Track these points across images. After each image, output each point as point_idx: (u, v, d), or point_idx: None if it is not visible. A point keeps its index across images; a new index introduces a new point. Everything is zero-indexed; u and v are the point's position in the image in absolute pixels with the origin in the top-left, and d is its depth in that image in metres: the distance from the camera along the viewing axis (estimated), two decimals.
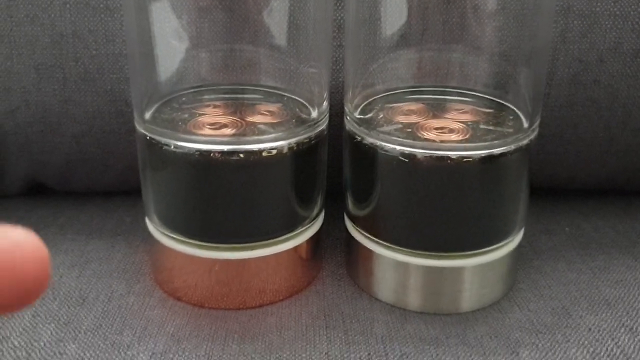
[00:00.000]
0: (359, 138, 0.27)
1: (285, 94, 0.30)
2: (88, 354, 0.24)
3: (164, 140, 0.26)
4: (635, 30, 0.31)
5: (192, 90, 0.30)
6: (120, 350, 0.25)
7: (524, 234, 0.30)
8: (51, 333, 0.26)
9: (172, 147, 0.26)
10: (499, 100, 0.29)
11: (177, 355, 0.24)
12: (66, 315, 0.27)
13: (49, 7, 0.32)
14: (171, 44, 0.28)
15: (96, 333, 0.26)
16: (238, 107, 0.29)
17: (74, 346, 0.25)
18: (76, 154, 0.34)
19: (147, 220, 0.29)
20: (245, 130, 0.27)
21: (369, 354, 0.25)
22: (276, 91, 0.30)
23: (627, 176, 0.36)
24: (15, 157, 0.35)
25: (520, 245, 0.29)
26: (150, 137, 0.26)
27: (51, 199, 0.37)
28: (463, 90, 0.30)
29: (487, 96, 0.30)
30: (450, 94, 0.30)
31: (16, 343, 0.25)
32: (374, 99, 0.30)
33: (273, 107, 0.29)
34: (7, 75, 0.33)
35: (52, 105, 0.33)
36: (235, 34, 0.29)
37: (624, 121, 0.33)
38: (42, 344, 0.25)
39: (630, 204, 0.37)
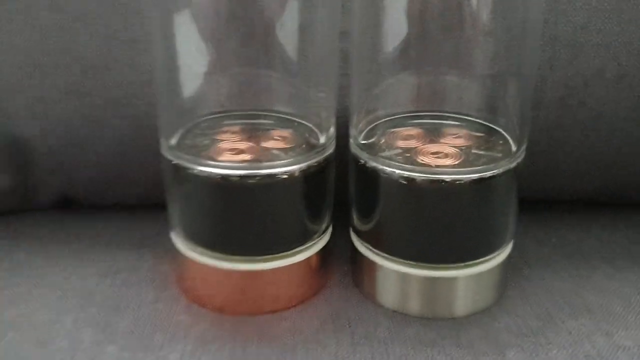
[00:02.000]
0: (363, 161, 0.30)
1: (296, 119, 0.33)
2: (126, 355, 0.28)
3: (188, 165, 0.29)
4: (617, 58, 0.34)
5: (211, 116, 0.33)
6: (154, 351, 0.28)
7: (515, 245, 0.33)
8: (91, 336, 0.29)
9: (196, 171, 0.29)
10: (490, 125, 0.32)
11: (204, 356, 0.28)
12: (103, 321, 0.30)
13: (77, 38, 0.35)
14: (195, 79, 0.31)
15: (131, 336, 0.29)
16: (253, 132, 0.32)
17: (112, 347, 0.28)
18: (104, 172, 0.37)
19: (172, 234, 0.32)
20: (261, 156, 0.30)
21: (372, 355, 0.28)
22: (287, 117, 0.33)
23: (612, 190, 0.38)
24: (48, 176, 0.38)
25: (510, 256, 0.32)
26: (175, 162, 0.30)
27: (80, 213, 0.40)
28: (457, 115, 0.33)
29: (479, 120, 0.33)
30: (446, 118, 0.33)
31: (62, 345, 0.28)
32: (376, 124, 0.33)
33: (285, 133, 0.32)
34: (41, 101, 0.36)
35: (82, 128, 0.36)
36: (251, 65, 0.32)
37: (608, 140, 0.36)
38: (84, 345, 0.28)
39: (614, 216, 0.40)
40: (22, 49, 0.35)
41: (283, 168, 0.29)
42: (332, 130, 0.32)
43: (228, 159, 0.30)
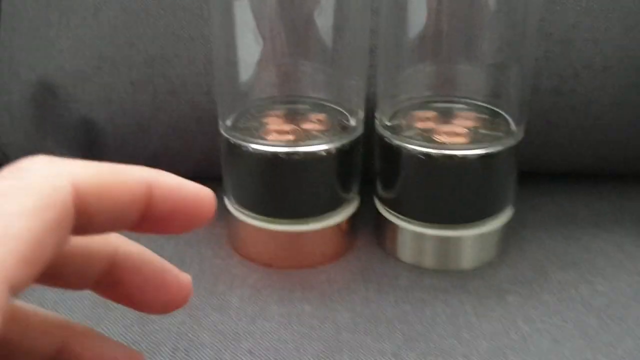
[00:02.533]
0: (387, 140, 0.36)
1: (331, 105, 0.39)
2: (195, 299, 0.34)
3: (243, 143, 0.35)
4: (603, 52, 0.39)
5: (260, 102, 0.39)
6: (217, 296, 0.34)
7: (515, 210, 0.39)
8: None
9: (249, 148, 0.35)
10: (494, 109, 0.38)
11: (259, 299, 0.34)
12: None
13: (143, 35, 0.41)
14: (247, 70, 0.37)
15: (198, 285, 0.35)
16: (294, 115, 0.38)
17: None
18: (162, 149, 0.43)
19: (226, 201, 0.38)
20: (302, 136, 0.36)
21: (395, 299, 0.34)
22: (323, 102, 0.39)
23: (599, 164, 0.44)
24: (113, 153, 0.44)
25: (510, 219, 0.38)
26: (232, 141, 0.36)
27: None
28: (467, 99, 0.39)
29: (485, 105, 0.39)
30: (458, 103, 0.39)
31: None
32: (399, 108, 0.39)
33: (321, 116, 0.38)
34: (110, 89, 0.42)
35: (144, 112, 0.42)
36: (293, 57, 0.38)
37: (596, 122, 0.41)
38: None
39: (601, 186, 0.45)
40: (93, 44, 0.41)
41: (321, 146, 0.35)
42: (361, 113, 0.37)
43: (275, 138, 0.36)
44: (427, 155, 0.35)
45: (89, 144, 0.44)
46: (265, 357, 0.30)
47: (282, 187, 0.36)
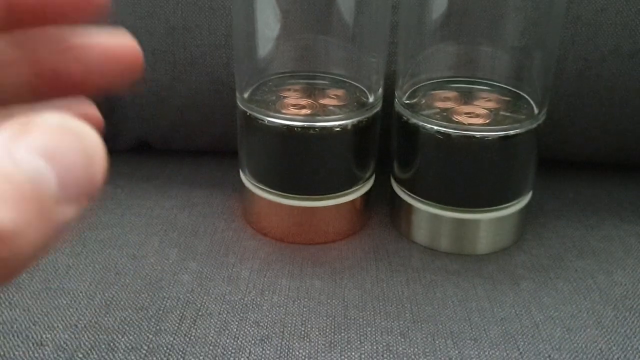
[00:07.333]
0: (405, 118, 0.36)
1: (350, 81, 0.38)
2: (205, 270, 0.34)
3: (259, 116, 0.35)
4: (632, 36, 0.38)
5: (278, 76, 0.38)
6: (228, 267, 0.34)
7: (535, 197, 0.38)
8: (176, 254, 0.35)
9: (266, 121, 0.35)
10: (516, 91, 0.37)
11: (269, 272, 0.34)
12: (184, 243, 0.36)
13: (164, 5, 0.40)
14: (266, 43, 0.37)
15: (209, 256, 0.35)
16: (312, 90, 0.38)
17: (194, 264, 0.34)
18: (179, 121, 0.43)
19: (241, 174, 0.38)
20: (319, 111, 0.36)
21: (407, 279, 0.34)
22: (342, 78, 0.39)
23: (623, 152, 0.43)
24: (131, 122, 0.44)
25: (529, 205, 0.37)
26: (249, 113, 0.35)
27: (155, 155, 0.46)
28: (489, 81, 0.38)
29: (507, 86, 0.38)
30: (479, 84, 0.38)
31: (152, 261, 0.35)
32: (418, 87, 0.38)
33: (339, 92, 0.38)
34: None
35: (163, 82, 0.42)
36: (313, 32, 0.37)
37: (621, 108, 0.40)
38: (170, 262, 0.35)
39: (625, 175, 0.44)
40: (115, 12, 0.41)
41: (337, 122, 0.35)
42: (380, 91, 0.37)
43: (292, 112, 0.35)
44: (446, 135, 0.34)
45: (108, 112, 0.44)
46: (272, 330, 0.30)
47: (297, 161, 0.35)
